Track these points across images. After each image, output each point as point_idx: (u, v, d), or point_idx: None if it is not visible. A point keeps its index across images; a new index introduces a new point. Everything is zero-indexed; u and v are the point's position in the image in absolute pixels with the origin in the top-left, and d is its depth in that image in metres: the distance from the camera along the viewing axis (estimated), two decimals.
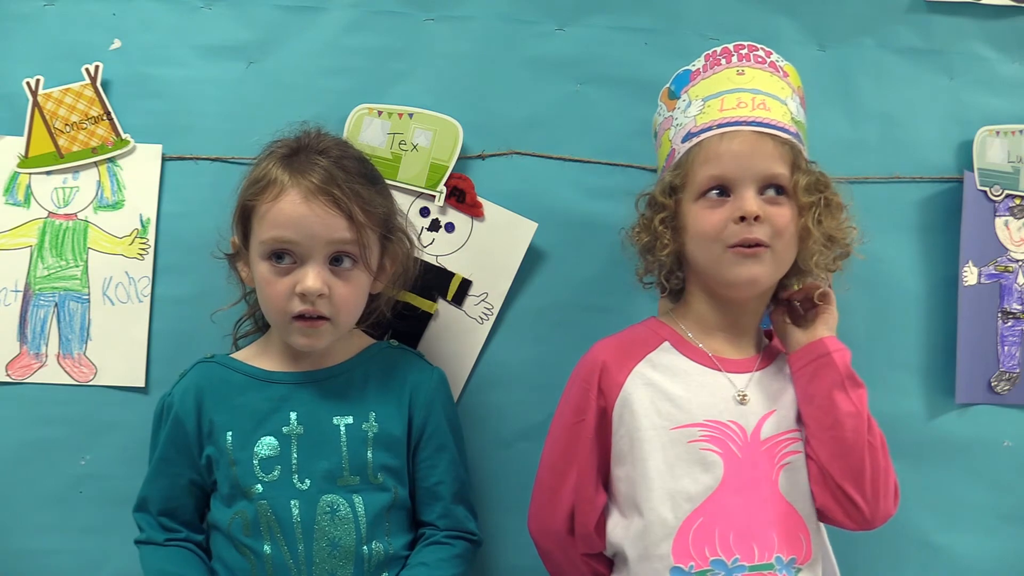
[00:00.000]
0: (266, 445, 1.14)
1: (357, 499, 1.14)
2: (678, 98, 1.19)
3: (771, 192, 1.10)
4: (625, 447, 1.12)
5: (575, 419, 1.15)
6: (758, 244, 1.08)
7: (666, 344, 1.16)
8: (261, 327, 1.27)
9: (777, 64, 1.17)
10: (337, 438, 1.15)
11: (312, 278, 1.10)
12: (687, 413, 1.10)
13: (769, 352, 1.18)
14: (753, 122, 1.10)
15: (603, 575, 1.18)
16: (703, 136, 1.12)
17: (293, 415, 1.15)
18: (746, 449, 1.10)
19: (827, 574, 1.15)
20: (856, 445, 1.08)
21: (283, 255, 1.11)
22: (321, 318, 1.12)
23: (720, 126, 1.11)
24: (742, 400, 1.12)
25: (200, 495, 1.19)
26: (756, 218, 1.07)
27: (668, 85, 1.21)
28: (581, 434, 1.14)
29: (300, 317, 1.12)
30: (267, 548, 1.11)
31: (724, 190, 1.10)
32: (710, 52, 1.18)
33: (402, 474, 1.18)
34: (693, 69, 1.19)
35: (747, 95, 1.13)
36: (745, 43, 1.17)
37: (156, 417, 1.20)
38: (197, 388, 1.17)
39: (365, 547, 1.13)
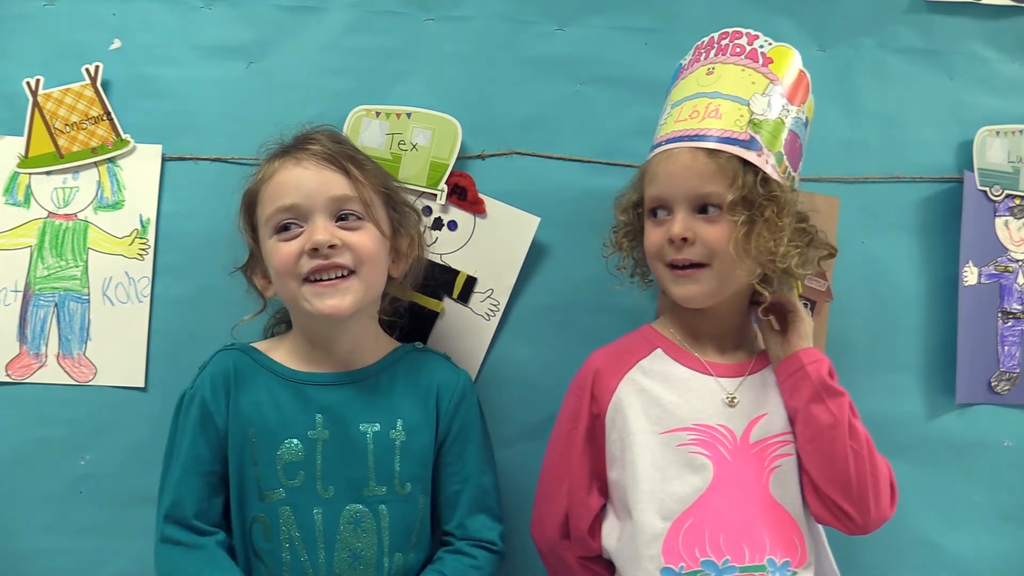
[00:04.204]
0: (290, 449, 1.11)
1: (382, 509, 1.11)
2: (665, 99, 1.20)
3: (706, 210, 1.09)
4: (617, 451, 1.13)
5: (570, 426, 1.17)
6: (691, 265, 1.09)
7: (658, 351, 1.17)
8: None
9: (759, 51, 1.13)
10: (364, 446, 1.12)
11: (319, 230, 1.08)
12: (677, 417, 1.11)
13: (763, 357, 1.19)
14: (693, 136, 1.09)
15: None
16: (653, 153, 1.14)
17: (319, 417, 1.12)
18: (735, 452, 1.10)
19: None
20: (839, 455, 1.08)
21: (289, 226, 1.10)
22: (346, 275, 1.09)
23: (667, 142, 1.12)
24: (731, 403, 1.12)
25: (227, 490, 1.13)
26: (685, 240, 1.08)
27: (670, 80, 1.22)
28: (574, 440, 1.16)
29: (315, 281, 1.09)
30: (286, 556, 1.09)
31: (665, 209, 1.12)
32: (699, 43, 1.18)
33: (427, 483, 1.16)
34: (683, 64, 1.20)
35: (703, 101, 1.11)
36: (731, 30, 1.15)
37: (177, 413, 1.15)
38: (224, 372, 1.13)
39: (387, 559, 1.10)
